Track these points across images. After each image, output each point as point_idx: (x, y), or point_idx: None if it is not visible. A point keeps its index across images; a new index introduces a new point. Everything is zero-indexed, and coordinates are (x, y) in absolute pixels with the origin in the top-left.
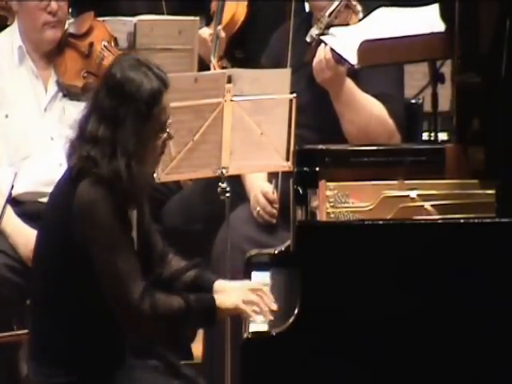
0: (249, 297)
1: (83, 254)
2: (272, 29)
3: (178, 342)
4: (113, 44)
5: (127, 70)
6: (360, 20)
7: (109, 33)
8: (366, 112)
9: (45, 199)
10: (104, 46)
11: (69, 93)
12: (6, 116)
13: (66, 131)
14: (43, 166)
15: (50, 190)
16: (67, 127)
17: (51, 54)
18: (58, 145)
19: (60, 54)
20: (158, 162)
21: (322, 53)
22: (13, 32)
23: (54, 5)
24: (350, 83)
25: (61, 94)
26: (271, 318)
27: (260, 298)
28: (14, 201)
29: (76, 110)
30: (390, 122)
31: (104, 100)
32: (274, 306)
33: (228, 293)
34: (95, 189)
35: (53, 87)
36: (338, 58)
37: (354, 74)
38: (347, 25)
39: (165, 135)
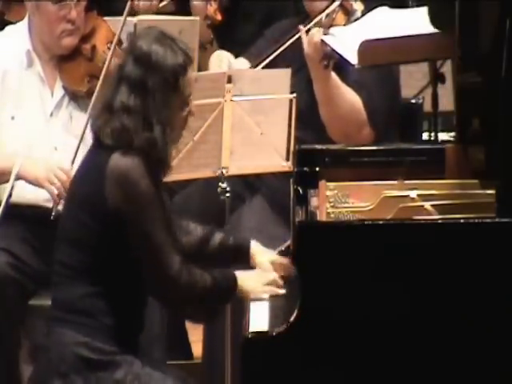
0: (266, 286)
1: (115, 224)
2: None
3: (210, 315)
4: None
5: (153, 42)
6: (356, 20)
7: (112, 32)
8: (345, 105)
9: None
10: (108, 48)
11: (74, 97)
12: (12, 118)
13: (72, 141)
14: None
15: (50, 205)
16: (73, 137)
17: (58, 58)
18: (61, 157)
19: (65, 57)
20: (180, 137)
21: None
22: (21, 34)
23: (73, 13)
24: (334, 76)
25: (67, 100)
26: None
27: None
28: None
29: (83, 119)
30: (363, 114)
31: (132, 71)
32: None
33: (250, 276)
34: (131, 158)
35: (59, 91)
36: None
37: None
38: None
39: (188, 108)
